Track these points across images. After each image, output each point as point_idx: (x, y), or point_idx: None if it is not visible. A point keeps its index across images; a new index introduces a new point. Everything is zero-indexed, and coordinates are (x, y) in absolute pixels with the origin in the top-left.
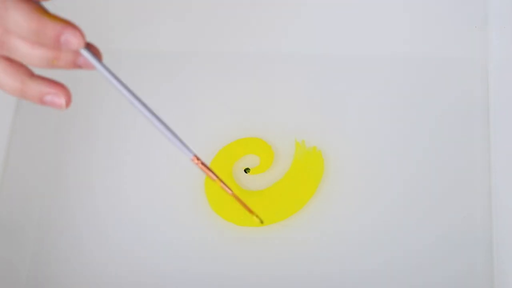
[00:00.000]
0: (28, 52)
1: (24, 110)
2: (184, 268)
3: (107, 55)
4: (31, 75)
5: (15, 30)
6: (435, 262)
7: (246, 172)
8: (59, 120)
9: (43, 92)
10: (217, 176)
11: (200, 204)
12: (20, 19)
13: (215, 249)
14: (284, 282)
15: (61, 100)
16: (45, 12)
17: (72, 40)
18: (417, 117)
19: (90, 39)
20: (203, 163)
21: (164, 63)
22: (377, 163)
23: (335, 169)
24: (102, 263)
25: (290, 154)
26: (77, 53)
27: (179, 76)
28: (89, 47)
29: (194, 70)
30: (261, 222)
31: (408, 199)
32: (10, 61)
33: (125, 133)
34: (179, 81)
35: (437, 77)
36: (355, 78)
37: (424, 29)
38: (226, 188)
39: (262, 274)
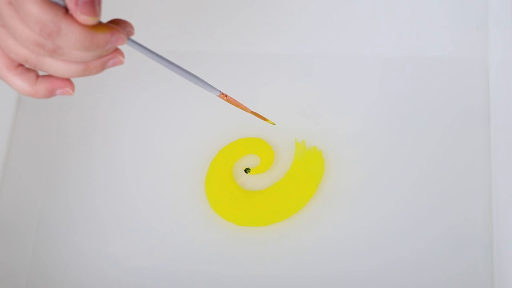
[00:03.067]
0: (81, 55)
1: (24, 110)
2: (184, 268)
3: None
4: (38, 77)
5: (69, 46)
6: (435, 261)
7: (246, 172)
8: (59, 120)
9: (52, 89)
10: (246, 107)
11: (200, 204)
12: (74, 39)
13: (215, 249)
14: (284, 282)
15: (68, 90)
16: (92, 25)
17: (119, 42)
18: (417, 117)
19: None
20: (230, 98)
21: None
22: (377, 163)
23: (335, 169)
24: (101, 263)
25: (291, 154)
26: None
27: (179, 76)
28: (124, 27)
29: (195, 70)
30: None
31: (408, 198)
32: (24, 68)
33: (125, 133)
34: (180, 81)
35: (437, 77)
36: (355, 78)
37: (425, 29)
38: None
39: (262, 274)
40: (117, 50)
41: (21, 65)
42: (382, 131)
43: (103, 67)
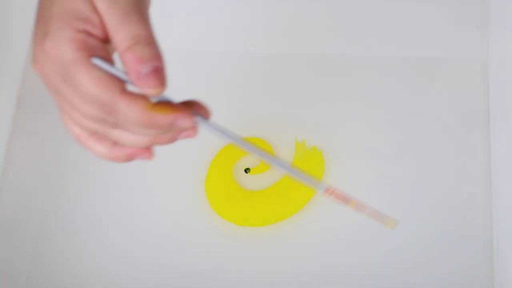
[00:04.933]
0: (145, 132)
1: (24, 110)
2: (184, 268)
3: None
4: (115, 143)
5: (129, 124)
6: (435, 260)
7: (246, 172)
8: (59, 120)
9: (130, 155)
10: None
11: (200, 204)
12: (133, 119)
13: (215, 249)
14: (284, 282)
15: (146, 156)
16: (154, 105)
17: (184, 125)
18: (417, 117)
19: None
20: (337, 194)
21: (165, 63)
22: (377, 163)
23: (335, 169)
24: (102, 263)
25: (290, 154)
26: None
27: (179, 75)
28: (198, 110)
29: (194, 70)
30: None
31: (408, 198)
32: (100, 135)
33: None
34: (179, 80)
35: (437, 77)
36: (355, 78)
37: (425, 29)
38: (361, 207)
39: (262, 274)
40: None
41: None
42: (381, 131)
43: (173, 140)
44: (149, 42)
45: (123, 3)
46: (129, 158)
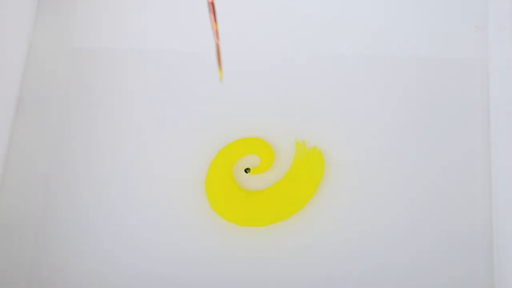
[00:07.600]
0: None
1: (24, 110)
2: (184, 268)
3: (106, 55)
4: None
5: None
6: (436, 264)
7: (246, 172)
8: (59, 121)
9: None
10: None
11: (200, 204)
12: None
13: (215, 249)
14: (284, 282)
15: None
16: None
17: None
18: (417, 117)
19: (89, 38)
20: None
21: (165, 63)
22: (377, 163)
23: (335, 169)
24: (102, 263)
25: (291, 154)
26: None
27: (179, 75)
28: None
29: (195, 69)
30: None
31: (408, 200)
32: None
33: (125, 134)
34: (180, 80)
35: (437, 77)
36: (355, 79)
37: (425, 29)
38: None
39: (262, 274)
40: None
41: None
42: (382, 132)
43: None
44: None
45: None
46: None
